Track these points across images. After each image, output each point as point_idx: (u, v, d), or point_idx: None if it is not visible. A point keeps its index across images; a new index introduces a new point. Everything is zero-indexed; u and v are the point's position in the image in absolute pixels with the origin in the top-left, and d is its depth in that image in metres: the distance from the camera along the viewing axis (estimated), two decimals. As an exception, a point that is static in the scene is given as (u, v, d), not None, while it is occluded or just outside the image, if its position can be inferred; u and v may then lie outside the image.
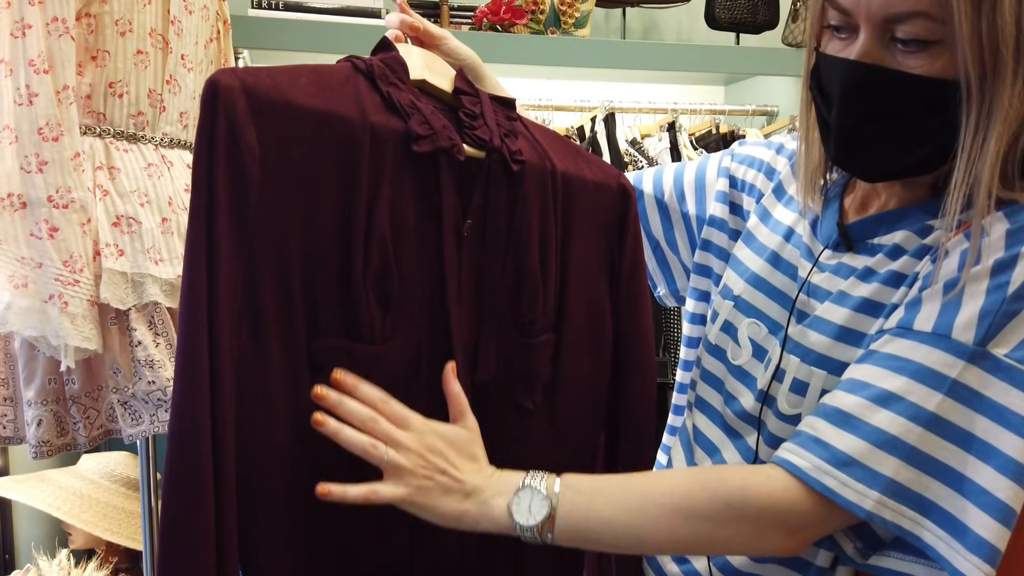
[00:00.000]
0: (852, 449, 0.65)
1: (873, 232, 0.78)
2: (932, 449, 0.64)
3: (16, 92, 1.04)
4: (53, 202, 1.06)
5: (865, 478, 0.64)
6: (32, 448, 1.13)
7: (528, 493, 0.71)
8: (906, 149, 0.70)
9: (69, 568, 1.56)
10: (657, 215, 1.05)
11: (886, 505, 0.64)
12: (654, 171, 1.07)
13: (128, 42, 1.16)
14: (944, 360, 0.64)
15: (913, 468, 0.64)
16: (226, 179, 0.70)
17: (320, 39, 1.99)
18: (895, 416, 0.65)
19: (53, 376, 1.13)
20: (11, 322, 1.04)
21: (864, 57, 0.69)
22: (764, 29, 2.40)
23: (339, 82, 0.78)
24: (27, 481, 1.73)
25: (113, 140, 1.17)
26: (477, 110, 0.83)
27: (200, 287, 0.70)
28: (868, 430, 0.65)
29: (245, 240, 0.71)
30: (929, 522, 0.64)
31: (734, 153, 0.99)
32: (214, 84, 0.70)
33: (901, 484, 0.64)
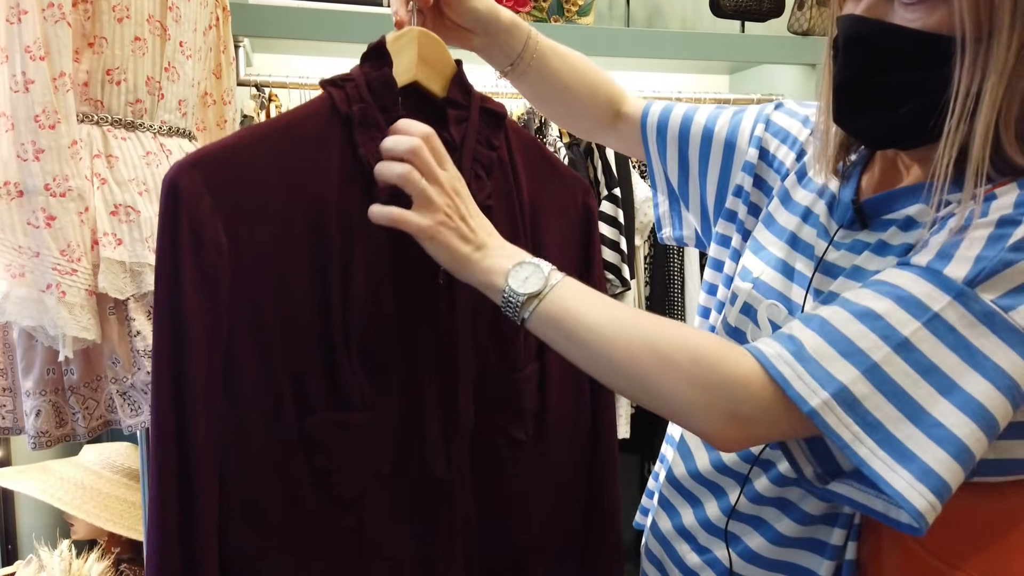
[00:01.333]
0: (816, 349, 0.65)
1: (887, 208, 0.77)
2: (894, 372, 0.63)
3: (12, 79, 1.03)
4: (50, 190, 1.04)
5: (820, 377, 0.64)
6: (31, 439, 1.12)
7: (530, 268, 0.73)
8: (902, 106, 0.71)
9: (71, 559, 1.56)
10: (676, 162, 1.02)
11: (832, 410, 0.63)
12: (684, 109, 1.02)
13: (125, 28, 1.15)
14: (930, 292, 0.64)
15: (870, 384, 0.63)
16: (192, 277, 0.70)
17: (320, 26, 1.97)
18: (868, 331, 0.64)
19: (51, 366, 1.12)
20: (8, 311, 1.04)
21: (868, 12, 0.71)
22: (769, 17, 2.37)
23: (310, 139, 0.76)
24: (29, 472, 1.73)
25: (111, 128, 1.15)
26: (459, 136, 0.82)
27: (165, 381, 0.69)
28: (837, 337, 0.65)
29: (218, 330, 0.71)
30: (871, 440, 0.63)
31: (769, 121, 0.95)
32: (174, 187, 0.69)
33: (854, 395, 0.63)
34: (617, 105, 1.04)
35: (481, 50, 0.93)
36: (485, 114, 0.85)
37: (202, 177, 0.70)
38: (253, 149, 0.73)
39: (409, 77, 0.81)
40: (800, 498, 0.80)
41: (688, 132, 1.00)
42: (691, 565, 0.88)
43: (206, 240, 0.70)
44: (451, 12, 0.87)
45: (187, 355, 0.70)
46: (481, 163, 0.83)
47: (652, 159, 1.04)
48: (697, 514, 0.89)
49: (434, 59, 0.83)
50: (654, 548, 0.96)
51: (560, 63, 0.97)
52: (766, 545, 0.81)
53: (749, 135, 0.96)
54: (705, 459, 0.88)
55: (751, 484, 0.83)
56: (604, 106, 1.03)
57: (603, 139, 1.11)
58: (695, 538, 0.89)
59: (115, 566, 1.70)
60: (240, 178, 0.72)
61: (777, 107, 0.97)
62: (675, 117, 1.02)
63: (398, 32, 0.82)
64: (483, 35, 0.90)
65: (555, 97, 1.00)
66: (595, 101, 1.02)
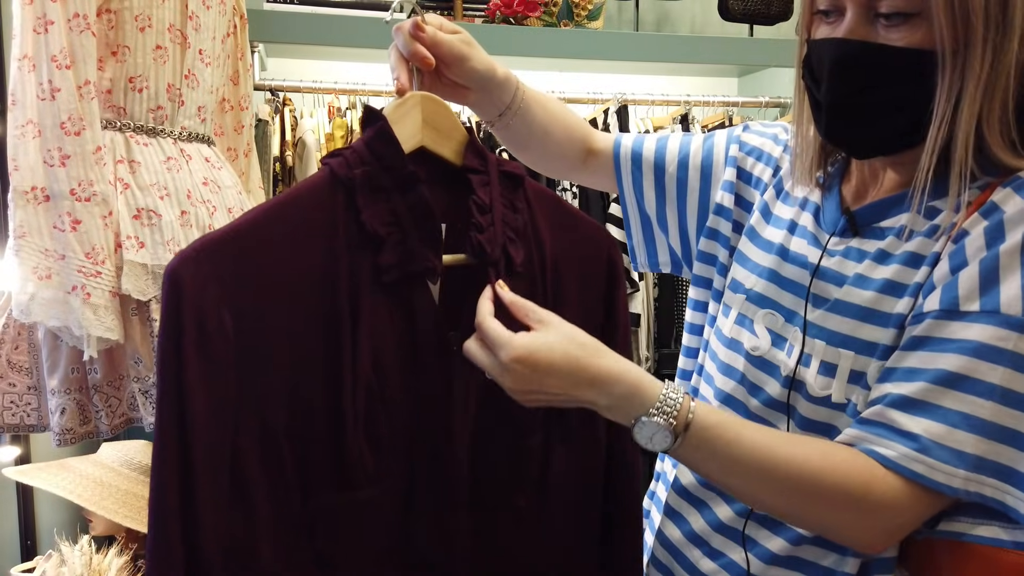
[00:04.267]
0: (932, 432, 0.69)
1: (879, 216, 0.80)
2: (1004, 420, 0.67)
3: (39, 87, 1.06)
4: (75, 195, 1.08)
5: (951, 459, 0.68)
6: (56, 436, 1.15)
7: (651, 425, 0.72)
8: (892, 119, 0.75)
9: (91, 554, 1.59)
10: (653, 191, 1.05)
11: (971, 480, 0.68)
12: (656, 140, 1.05)
13: (147, 37, 1.18)
14: (998, 334, 0.67)
15: (990, 441, 0.67)
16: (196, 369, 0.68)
17: (334, 32, 2.00)
18: (964, 395, 0.68)
19: (76, 366, 1.15)
20: (35, 312, 1.07)
21: (850, 34, 0.74)
22: (778, 20, 2.39)
23: (312, 212, 0.74)
24: (48, 468, 1.76)
25: (133, 134, 1.19)
26: (488, 199, 0.80)
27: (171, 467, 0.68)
28: (942, 413, 0.69)
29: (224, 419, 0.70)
30: (1010, 487, 0.68)
31: (742, 142, 0.99)
32: (176, 282, 0.67)
33: (983, 458, 0.67)
34: (588, 144, 1.07)
35: (474, 104, 0.95)
36: (504, 177, 0.83)
37: (207, 264, 0.69)
38: (255, 231, 0.72)
39: (415, 143, 0.79)
40: None
41: (663, 160, 1.03)
42: (705, 571, 0.88)
43: (211, 330, 0.69)
44: (451, 72, 0.88)
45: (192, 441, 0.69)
46: (511, 227, 0.81)
47: (625, 191, 1.07)
48: (708, 518, 0.89)
49: (441, 124, 0.81)
50: (661, 556, 0.96)
51: (540, 110, 1.01)
52: (786, 545, 0.82)
53: (724, 156, 0.99)
54: None
55: None
56: (578, 146, 1.07)
57: (577, 178, 1.14)
58: (707, 542, 0.89)
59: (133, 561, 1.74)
60: (244, 262, 0.71)
61: (744, 128, 1.01)
62: (648, 148, 1.05)
63: (399, 100, 0.80)
64: (479, 92, 0.92)
65: (534, 142, 1.04)
66: (570, 142, 1.06)
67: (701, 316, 1.00)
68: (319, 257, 0.73)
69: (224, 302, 0.69)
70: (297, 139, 2.12)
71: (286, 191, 0.77)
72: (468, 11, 2.21)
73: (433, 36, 0.84)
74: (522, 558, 0.86)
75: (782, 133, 0.98)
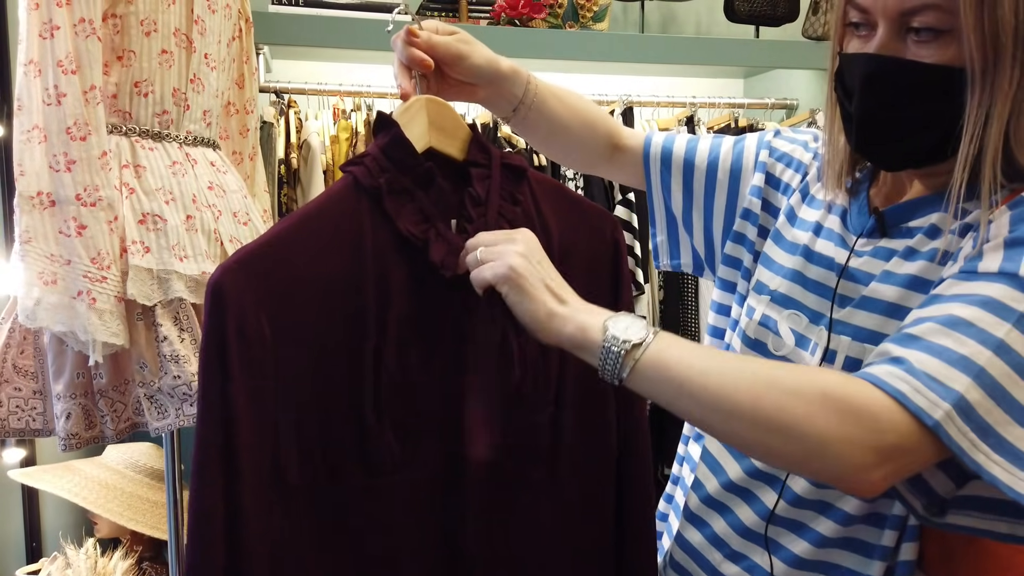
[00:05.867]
0: (923, 362, 0.67)
1: (908, 216, 0.81)
2: (998, 374, 0.66)
3: (45, 92, 1.06)
4: (81, 200, 1.08)
5: (937, 389, 0.66)
6: (61, 440, 1.15)
7: (628, 318, 0.72)
8: (922, 134, 0.76)
9: (96, 556, 1.60)
10: (680, 192, 1.05)
11: (953, 421, 0.65)
12: (687, 141, 1.05)
13: (153, 42, 1.18)
14: (1011, 295, 0.67)
15: (980, 390, 0.65)
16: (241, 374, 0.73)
17: (339, 34, 2.00)
18: (965, 338, 0.67)
19: (81, 370, 1.15)
20: (41, 318, 1.07)
21: (882, 50, 0.75)
22: (784, 21, 2.38)
23: (341, 220, 0.78)
24: (53, 471, 1.77)
25: (139, 139, 1.19)
26: (483, 192, 0.84)
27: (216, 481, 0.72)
28: (940, 349, 0.67)
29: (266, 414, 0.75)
30: (985, 446, 0.65)
31: (772, 147, 0.99)
32: (219, 291, 0.72)
33: (969, 403, 0.65)
34: (614, 139, 1.08)
35: (485, 101, 0.96)
36: (507, 170, 0.86)
37: (245, 275, 0.73)
38: (288, 240, 0.77)
39: (423, 144, 0.83)
40: (839, 498, 0.81)
41: (693, 163, 1.03)
42: (728, 574, 0.89)
43: (251, 333, 0.73)
44: (453, 72, 0.90)
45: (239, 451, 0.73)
46: (506, 218, 0.85)
47: (653, 190, 1.07)
48: (730, 521, 0.90)
49: (445, 124, 0.84)
50: (680, 559, 0.96)
51: (558, 104, 1.01)
52: (809, 548, 0.82)
53: (754, 161, 0.99)
54: (736, 468, 0.89)
55: (789, 488, 0.84)
56: (602, 141, 1.07)
57: (601, 171, 1.15)
58: (728, 545, 0.89)
59: (138, 564, 1.74)
60: (279, 269, 0.75)
61: (776, 134, 1.01)
62: (678, 148, 1.05)
63: (404, 105, 0.83)
64: (486, 87, 0.93)
65: (555, 137, 1.04)
66: (593, 137, 1.06)
67: (724, 320, 1.00)
68: (348, 262, 0.78)
69: (263, 309, 0.74)
70: (302, 141, 2.12)
71: (313, 201, 0.80)
72: (473, 13, 2.20)
73: (428, 40, 0.85)
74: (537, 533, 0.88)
75: (812, 140, 0.98)
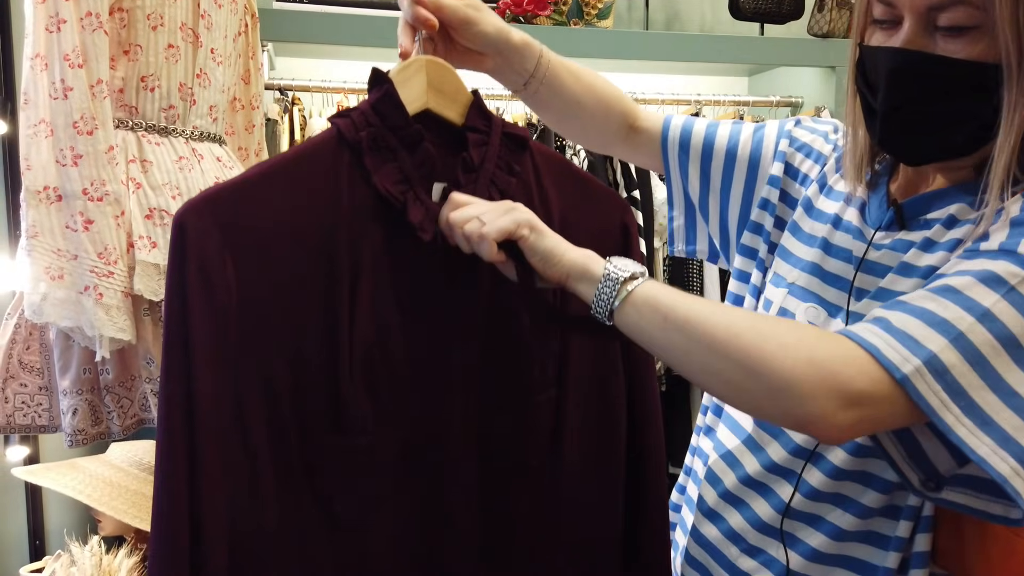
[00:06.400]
0: (903, 323, 0.67)
1: (927, 208, 0.80)
2: (978, 341, 0.66)
3: (51, 86, 1.06)
4: (88, 195, 1.07)
5: (911, 346, 0.66)
6: (67, 437, 1.15)
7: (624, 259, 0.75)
8: (950, 130, 0.75)
9: (101, 554, 1.59)
10: (698, 178, 1.03)
11: (923, 377, 0.65)
12: (706, 126, 1.03)
13: (159, 36, 1.17)
14: (1007, 269, 0.67)
15: (957, 353, 0.65)
16: (201, 314, 0.70)
17: (343, 31, 1.99)
18: (950, 304, 0.67)
19: (88, 366, 1.15)
20: (47, 313, 1.06)
21: (909, 44, 0.73)
22: (789, 19, 2.38)
23: (319, 170, 0.76)
24: (57, 468, 1.76)
25: (145, 133, 1.18)
26: (478, 159, 0.81)
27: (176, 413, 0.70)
28: (921, 311, 0.68)
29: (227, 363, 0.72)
30: (956, 408, 0.65)
31: (792, 137, 0.97)
32: (182, 227, 0.70)
33: (943, 363, 0.65)
34: (631, 119, 1.05)
35: (494, 71, 0.94)
36: (507, 139, 0.83)
37: (211, 215, 0.71)
38: (262, 186, 0.74)
39: (420, 105, 0.80)
40: (856, 492, 0.81)
41: (711, 149, 1.01)
42: (745, 569, 0.88)
43: (214, 278, 0.71)
44: (460, 37, 0.87)
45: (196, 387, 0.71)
46: (498, 187, 0.82)
47: (672, 174, 1.06)
48: (746, 515, 0.89)
49: (445, 86, 0.82)
50: (697, 555, 0.96)
51: (572, 79, 0.99)
52: (826, 541, 0.82)
53: (773, 150, 0.98)
54: (754, 462, 0.89)
55: (805, 481, 0.84)
56: (617, 120, 1.04)
57: (618, 152, 1.12)
58: (745, 539, 0.89)
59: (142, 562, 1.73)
60: (249, 214, 0.73)
61: (796, 123, 0.99)
62: (697, 133, 1.03)
63: (403, 63, 0.80)
64: (495, 57, 0.90)
65: (568, 113, 1.01)
66: (608, 116, 1.03)
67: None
68: (322, 214, 0.75)
69: (227, 250, 0.71)
70: (306, 138, 2.12)
71: (292, 149, 0.78)
72: (478, 10, 2.20)
73: (436, 1, 0.83)
74: (538, 520, 0.86)
75: (832, 131, 0.97)
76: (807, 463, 0.84)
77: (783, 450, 0.86)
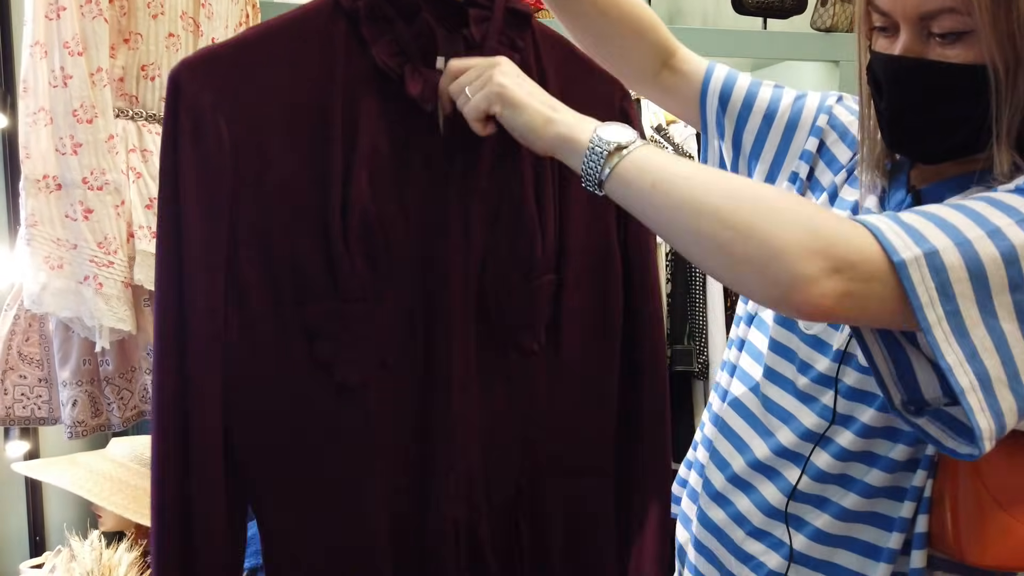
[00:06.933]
0: (912, 220, 0.67)
1: (945, 195, 0.79)
2: (983, 253, 0.65)
3: (51, 74, 1.05)
4: (88, 184, 1.06)
5: (915, 237, 0.65)
6: (67, 428, 1.14)
7: (618, 126, 0.72)
8: (952, 132, 0.76)
9: (101, 549, 1.58)
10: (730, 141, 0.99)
11: (919, 267, 0.64)
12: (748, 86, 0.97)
13: (160, 25, 1.17)
14: (1018, 201, 0.68)
15: (960, 257, 0.65)
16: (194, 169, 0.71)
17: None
18: (963, 216, 0.67)
19: (87, 357, 1.14)
20: (46, 303, 1.06)
21: (906, 52, 0.75)
22: (792, 14, 2.37)
23: (315, 36, 0.76)
24: (57, 463, 1.75)
25: (145, 123, 1.17)
26: (480, 36, 0.79)
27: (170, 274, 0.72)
28: (933, 215, 0.67)
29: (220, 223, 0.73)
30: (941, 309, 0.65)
31: (832, 114, 0.94)
32: (176, 83, 0.71)
33: (943, 261, 0.65)
34: (666, 56, 0.98)
35: None
36: (510, 14, 0.82)
37: (205, 74, 0.71)
38: (257, 47, 0.74)
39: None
40: (862, 472, 0.81)
41: (750, 109, 0.96)
42: (751, 551, 0.88)
43: (208, 134, 0.71)
44: None
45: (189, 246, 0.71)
46: None
47: (708, 128, 1.00)
48: (754, 498, 0.89)
49: None
50: (703, 538, 0.95)
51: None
52: (832, 522, 0.82)
53: (811, 124, 0.94)
54: (763, 447, 0.89)
55: (812, 463, 0.83)
56: (650, 53, 0.97)
57: (649, 92, 1.03)
58: (751, 522, 0.89)
59: (143, 557, 1.73)
60: (243, 75, 0.73)
61: (839, 100, 0.96)
62: (739, 88, 0.97)
63: None
64: None
65: (596, 32, 0.95)
66: (639, 45, 0.96)
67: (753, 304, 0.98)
68: (318, 81, 0.75)
69: (221, 111, 0.72)
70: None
71: (288, 14, 0.77)
72: (479, 4, 2.19)
73: None
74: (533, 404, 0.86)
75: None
76: (816, 446, 0.83)
77: (793, 434, 0.85)
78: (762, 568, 0.87)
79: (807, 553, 0.84)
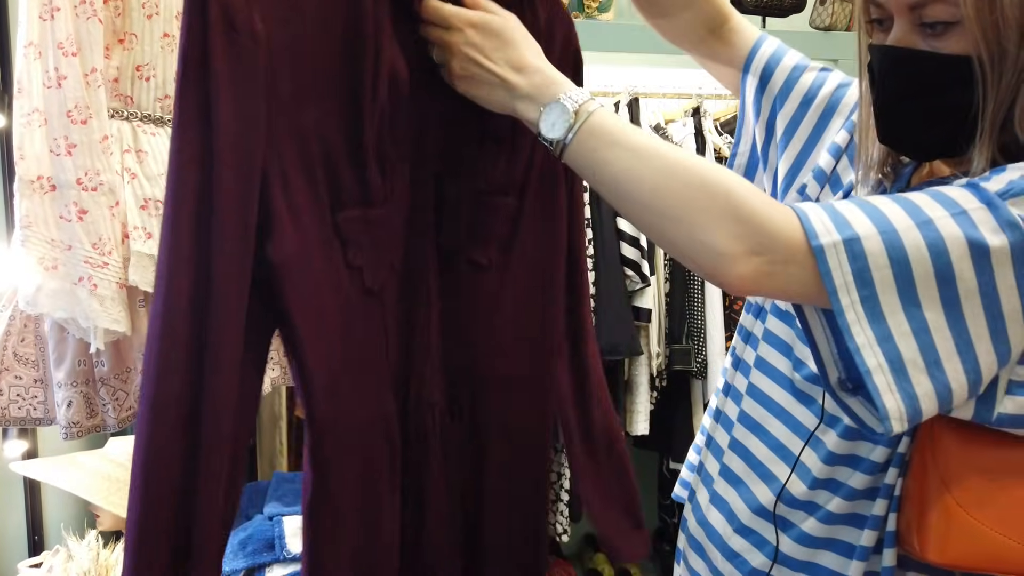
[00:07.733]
0: (841, 207, 0.69)
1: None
2: (908, 242, 0.66)
3: (45, 75, 1.05)
4: (82, 185, 1.06)
5: (839, 223, 0.67)
6: (63, 429, 1.14)
7: (558, 109, 0.74)
8: (936, 122, 0.75)
9: (98, 549, 1.59)
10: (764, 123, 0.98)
11: (837, 253, 0.66)
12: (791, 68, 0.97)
13: (155, 25, 1.16)
14: (965, 196, 0.68)
15: (882, 245, 0.66)
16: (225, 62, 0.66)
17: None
18: (894, 205, 0.68)
19: (83, 358, 1.14)
20: (41, 304, 1.05)
21: (899, 43, 0.75)
22: (791, 12, 2.36)
23: None
24: (56, 463, 1.75)
25: (140, 123, 1.17)
26: None
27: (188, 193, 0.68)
28: (864, 204, 0.69)
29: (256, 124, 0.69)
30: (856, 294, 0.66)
31: None
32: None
33: (863, 248, 0.66)
34: (716, 23, 0.97)
35: None
36: None
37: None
38: None
39: None
40: (846, 475, 0.81)
41: (788, 93, 0.96)
42: (735, 548, 0.89)
43: (240, 24, 0.66)
44: None
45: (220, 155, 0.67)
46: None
47: (746, 105, 1.00)
48: (744, 496, 0.90)
49: None
50: (695, 532, 0.97)
51: None
52: (817, 525, 0.83)
53: (846, 117, 0.93)
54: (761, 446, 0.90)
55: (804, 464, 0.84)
56: (699, 17, 0.96)
57: (694, 53, 1.03)
58: (738, 518, 0.90)
59: (140, 557, 1.73)
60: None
61: None
62: (782, 69, 0.97)
63: None
64: None
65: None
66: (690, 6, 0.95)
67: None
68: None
69: (255, 6, 0.68)
70: None
71: None
72: (478, 3, 2.19)
73: None
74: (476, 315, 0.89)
75: None
76: (805, 445, 0.84)
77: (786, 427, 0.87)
78: (745, 566, 0.88)
79: (791, 555, 0.85)
